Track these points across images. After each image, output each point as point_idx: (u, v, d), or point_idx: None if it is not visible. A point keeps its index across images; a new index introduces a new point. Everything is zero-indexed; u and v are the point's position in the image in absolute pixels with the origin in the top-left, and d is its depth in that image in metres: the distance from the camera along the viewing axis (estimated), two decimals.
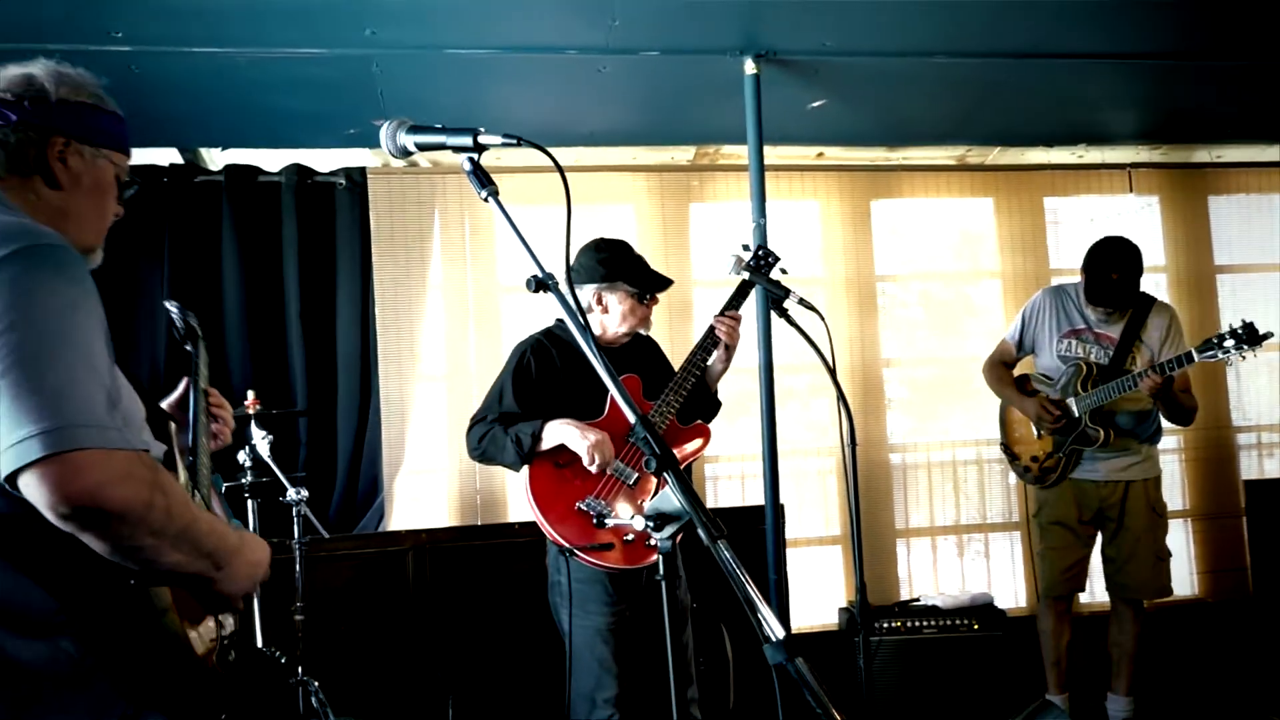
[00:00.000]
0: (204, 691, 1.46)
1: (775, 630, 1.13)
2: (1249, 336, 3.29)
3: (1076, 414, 3.66)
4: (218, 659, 1.50)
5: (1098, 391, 3.60)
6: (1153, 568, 3.74)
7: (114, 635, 1.35)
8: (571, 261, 1.36)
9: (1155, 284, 5.00)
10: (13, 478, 1.22)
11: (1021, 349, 3.97)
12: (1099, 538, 3.80)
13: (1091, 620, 4.11)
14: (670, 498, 1.29)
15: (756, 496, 4.20)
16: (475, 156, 1.50)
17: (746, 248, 3.12)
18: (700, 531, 1.22)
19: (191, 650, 1.42)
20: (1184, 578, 4.88)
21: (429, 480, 4.40)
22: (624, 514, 2.72)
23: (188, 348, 2.06)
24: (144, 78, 3.43)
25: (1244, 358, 3.33)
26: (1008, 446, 3.99)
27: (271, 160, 4.33)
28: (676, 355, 3.25)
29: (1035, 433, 3.83)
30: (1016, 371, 4.01)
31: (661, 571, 1.34)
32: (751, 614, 1.14)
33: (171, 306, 2.12)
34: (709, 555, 1.32)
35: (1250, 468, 5.03)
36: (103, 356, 1.31)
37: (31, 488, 1.21)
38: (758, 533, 3.62)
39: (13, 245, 1.28)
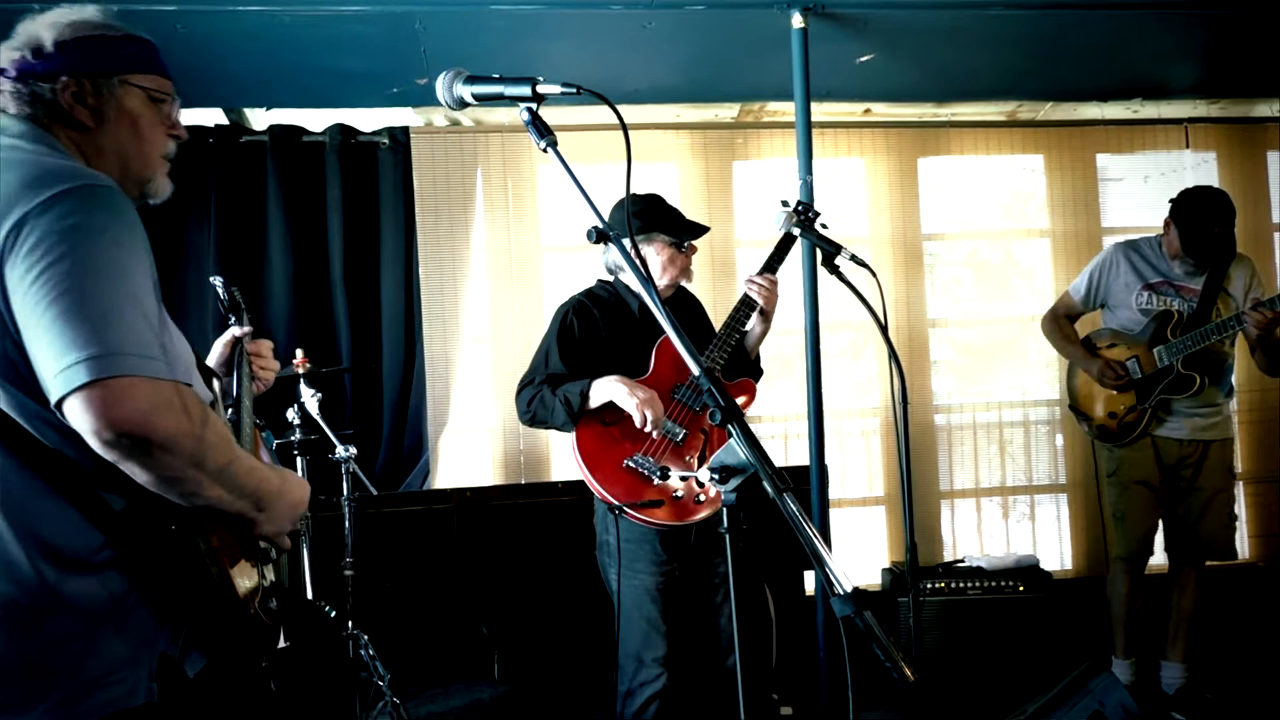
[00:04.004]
0: (245, 635, 1.49)
1: (843, 584, 1.12)
2: None
3: (1166, 362, 3.58)
4: (260, 606, 1.52)
5: (1191, 335, 3.52)
6: (1224, 528, 3.69)
7: (158, 571, 1.38)
8: (605, 219, 1.35)
9: None
10: (59, 404, 1.25)
11: (1088, 304, 3.88)
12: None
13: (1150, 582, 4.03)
14: (735, 450, 1.28)
15: (800, 457, 4.18)
16: (534, 106, 1.48)
17: (785, 203, 3.05)
18: (765, 484, 1.21)
19: (234, 592, 1.44)
20: (1235, 542, 4.81)
21: (473, 439, 4.43)
22: (680, 470, 2.72)
23: (231, 320, 2.16)
24: (189, 37, 3.43)
25: None
26: (1077, 407, 3.89)
27: (315, 120, 4.33)
28: (720, 316, 3.23)
29: (1107, 390, 3.73)
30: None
31: (725, 524, 1.34)
32: (819, 567, 1.13)
33: (216, 281, 2.23)
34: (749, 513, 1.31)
35: None
36: (147, 292, 1.34)
37: (77, 413, 1.24)
38: (801, 493, 3.59)
39: (61, 185, 1.31)
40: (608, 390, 2.74)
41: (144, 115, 1.54)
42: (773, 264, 3.00)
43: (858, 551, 4.57)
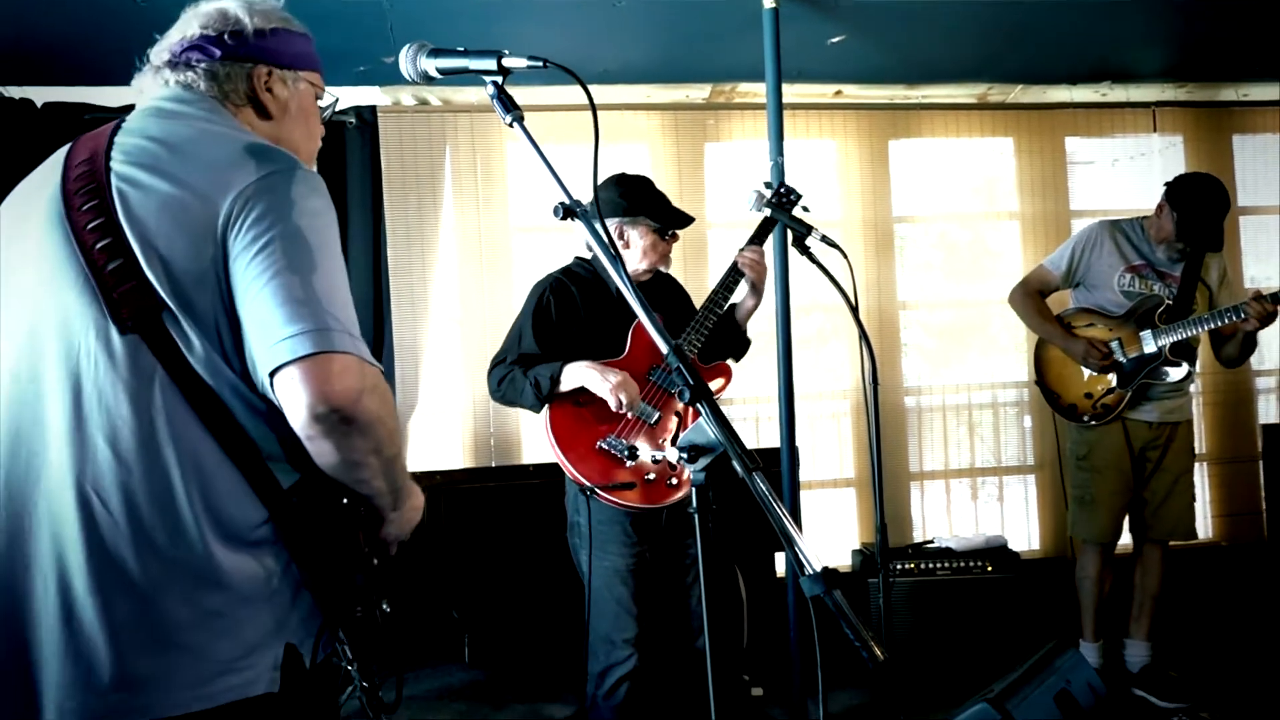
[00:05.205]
0: (372, 633, 1.47)
1: (813, 563, 1.11)
2: None
3: (1154, 347, 3.56)
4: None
5: (1186, 323, 3.50)
6: (1187, 509, 3.72)
7: (315, 550, 1.36)
8: (573, 196, 1.33)
9: None
10: (273, 374, 1.23)
11: (1067, 281, 3.78)
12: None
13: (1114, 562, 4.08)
14: (704, 430, 1.27)
15: (770, 439, 4.19)
16: (499, 80, 1.45)
17: (768, 185, 3.07)
18: (735, 464, 1.20)
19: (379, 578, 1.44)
20: (1199, 522, 4.87)
21: (443, 421, 4.39)
22: (649, 451, 2.71)
23: None
24: (150, 12, 3.35)
25: None
26: (1046, 384, 3.81)
27: None
28: (691, 297, 3.22)
29: (1085, 370, 3.68)
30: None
31: (694, 504, 1.32)
32: (789, 547, 1.12)
33: None
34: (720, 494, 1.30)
35: (1268, 412, 5.00)
36: (346, 279, 1.35)
37: (292, 383, 1.22)
38: (772, 475, 3.59)
39: (281, 162, 1.34)
40: (579, 376, 2.72)
41: (314, 113, 1.59)
42: (758, 239, 3.03)
43: (828, 533, 4.59)
